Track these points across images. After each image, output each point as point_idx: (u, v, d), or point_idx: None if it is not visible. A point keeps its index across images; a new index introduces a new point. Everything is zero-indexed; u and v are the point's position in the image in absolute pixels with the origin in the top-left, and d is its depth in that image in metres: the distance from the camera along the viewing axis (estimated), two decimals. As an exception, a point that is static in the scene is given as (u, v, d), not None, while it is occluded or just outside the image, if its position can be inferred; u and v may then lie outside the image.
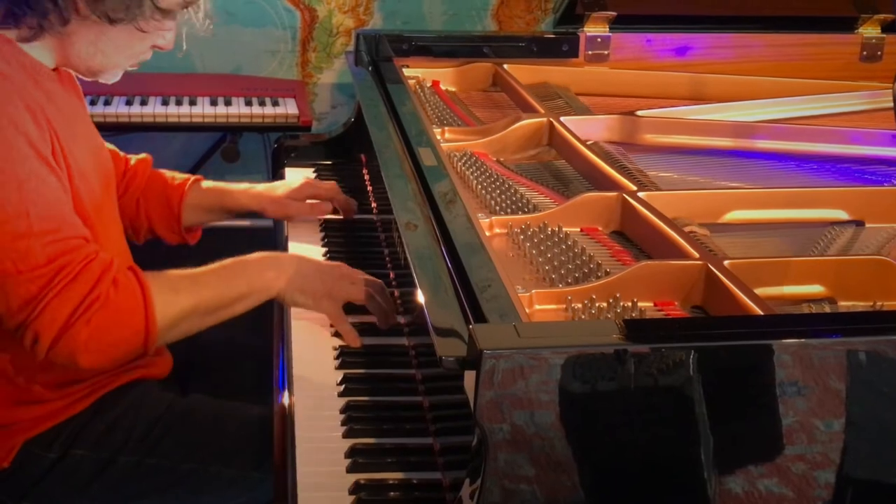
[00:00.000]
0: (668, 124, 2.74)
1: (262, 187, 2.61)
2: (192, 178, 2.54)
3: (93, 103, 3.76)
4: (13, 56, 1.95)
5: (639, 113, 2.77)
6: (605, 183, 2.29)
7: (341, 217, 2.69)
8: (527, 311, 1.75)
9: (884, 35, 3.33)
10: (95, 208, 2.07)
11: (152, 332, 1.94)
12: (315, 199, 2.65)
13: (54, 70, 2.04)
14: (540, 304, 1.83)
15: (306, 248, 2.58)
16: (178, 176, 2.54)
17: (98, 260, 1.91)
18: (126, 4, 1.89)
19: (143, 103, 3.86)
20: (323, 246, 2.60)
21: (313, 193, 2.64)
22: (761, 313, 1.67)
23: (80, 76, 2.11)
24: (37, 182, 1.86)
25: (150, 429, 2.13)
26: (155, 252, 2.52)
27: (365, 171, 2.91)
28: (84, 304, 1.86)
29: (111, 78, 2.09)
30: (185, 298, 2.00)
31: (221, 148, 4.10)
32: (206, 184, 2.55)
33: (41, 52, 1.99)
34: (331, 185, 2.69)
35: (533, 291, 1.83)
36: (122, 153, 2.48)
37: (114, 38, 1.97)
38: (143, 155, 2.52)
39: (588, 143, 2.54)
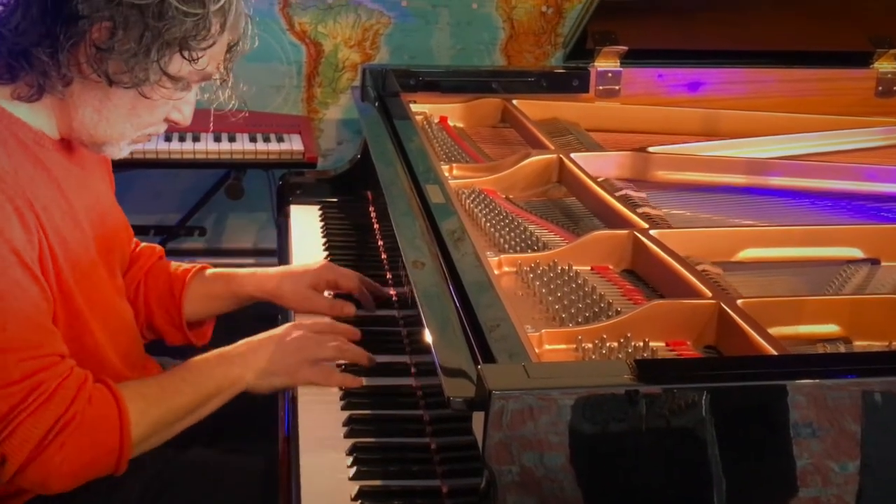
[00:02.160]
0: (681, 161, 2.73)
1: (272, 271, 2.44)
2: (197, 265, 2.41)
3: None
4: (9, 130, 1.85)
5: (650, 149, 2.76)
6: (615, 220, 2.28)
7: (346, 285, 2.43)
8: (536, 350, 1.75)
9: (900, 70, 3.33)
10: (86, 277, 1.97)
11: (126, 450, 1.86)
12: (333, 288, 2.43)
13: (60, 139, 1.95)
14: (550, 344, 1.82)
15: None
16: (184, 265, 2.41)
17: (73, 376, 1.82)
18: (130, 66, 1.79)
19: (146, 139, 3.84)
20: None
21: (334, 279, 2.41)
22: (775, 353, 1.66)
23: (85, 147, 1.99)
24: (19, 292, 1.77)
25: (150, 485, 2.05)
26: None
27: (371, 208, 2.90)
28: (58, 424, 1.77)
29: (116, 152, 1.97)
30: (156, 409, 1.93)
31: (226, 185, 4.11)
32: (212, 271, 2.42)
33: (44, 120, 1.90)
34: (353, 275, 2.43)
35: (542, 331, 1.82)
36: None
37: (119, 105, 1.87)
38: (154, 244, 2.43)
39: (599, 179, 2.52)
